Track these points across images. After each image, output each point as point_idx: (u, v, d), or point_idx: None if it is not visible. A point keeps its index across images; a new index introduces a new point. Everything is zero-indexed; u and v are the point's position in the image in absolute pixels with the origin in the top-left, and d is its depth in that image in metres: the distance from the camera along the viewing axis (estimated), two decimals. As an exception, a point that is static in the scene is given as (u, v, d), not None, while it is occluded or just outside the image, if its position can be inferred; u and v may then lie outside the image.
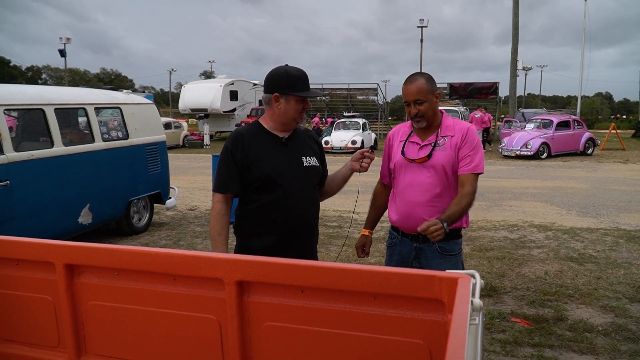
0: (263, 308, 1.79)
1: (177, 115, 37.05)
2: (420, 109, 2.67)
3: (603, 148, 22.30)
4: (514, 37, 27.77)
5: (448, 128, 2.75)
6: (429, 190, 2.71)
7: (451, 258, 2.77)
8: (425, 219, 2.65)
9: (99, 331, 2.05)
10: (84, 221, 6.29)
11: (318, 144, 2.78)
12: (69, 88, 7.63)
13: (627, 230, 7.56)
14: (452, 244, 2.78)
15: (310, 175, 2.62)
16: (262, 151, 2.50)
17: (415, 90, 2.66)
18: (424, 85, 2.66)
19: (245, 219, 2.58)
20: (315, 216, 2.68)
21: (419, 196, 2.73)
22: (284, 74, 2.50)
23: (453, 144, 2.70)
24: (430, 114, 2.71)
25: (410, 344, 1.60)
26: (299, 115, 2.54)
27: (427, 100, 2.67)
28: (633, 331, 4.05)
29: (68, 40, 46.72)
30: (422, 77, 2.70)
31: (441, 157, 2.69)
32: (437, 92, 2.73)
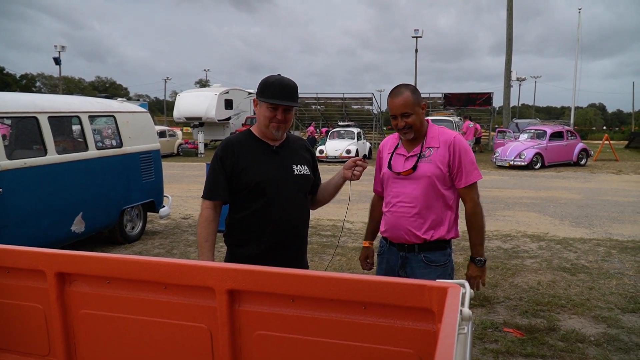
0: (254, 317, 1.79)
1: (172, 124, 37.06)
2: (408, 121, 2.68)
3: (596, 159, 22.43)
4: (508, 47, 27.99)
5: (433, 139, 2.75)
6: (414, 201, 2.72)
7: (436, 269, 2.76)
8: (411, 231, 2.74)
9: (89, 340, 2.05)
10: (76, 229, 6.27)
11: (310, 153, 2.78)
12: (63, 96, 7.62)
13: (619, 240, 7.59)
14: (437, 254, 2.77)
15: (301, 183, 2.61)
16: (252, 159, 2.51)
17: (402, 104, 2.67)
18: (410, 98, 2.67)
19: (235, 226, 2.58)
20: (304, 224, 2.68)
21: (406, 208, 2.75)
22: (263, 80, 2.52)
23: (439, 155, 2.70)
24: (418, 126, 2.71)
25: (401, 353, 1.61)
26: (271, 124, 2.49)
27: (414, 112, 2.68)
28: (625, 342, 4.06)
29: (63, 48, 46.77)
30: (407, 90, 2.71)
31: (426, 168, 2.70)
32: (422, 103, 2.74)
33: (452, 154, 2.69)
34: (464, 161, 2.70)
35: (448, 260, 2.82)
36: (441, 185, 2.70)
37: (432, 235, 2.73)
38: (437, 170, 2.68)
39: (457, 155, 2.69)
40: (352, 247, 7.16)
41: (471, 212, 2.75)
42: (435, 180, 2.69)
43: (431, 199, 2.71)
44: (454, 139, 2.72)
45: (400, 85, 2.76)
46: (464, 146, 2.74)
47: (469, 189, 2.73)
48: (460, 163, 2.69)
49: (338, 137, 23.40)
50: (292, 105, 2.51)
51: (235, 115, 29.50)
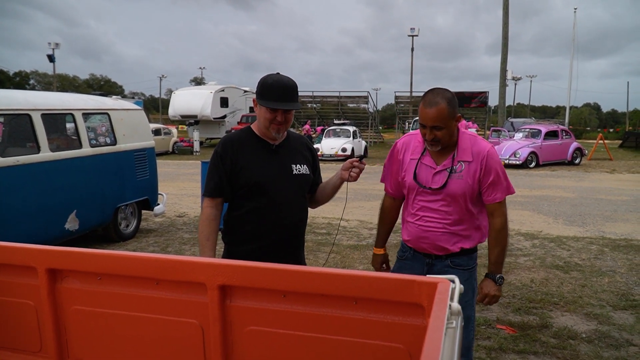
0: (245, 312, 1.79)
1: (167, 122, 36.96)
2: (438, 134, 2.45)
3: (590, 158, 22.52)
4: (504, 47, 28.06)
5: (465, 151, 2.54)
6: (444, 218, 2.59)
7: (463, 272, 2.62)
8: (439, 245, 2.63)
9: (81, 336, 2.04)
10: (70, 227, 6.25)
11: (311, 152, 2.77)
12: (57, 93, 7.60)
13: (612, 239, 7.63)
14: (464, 258, 2.66)
15: (299, 183, 2.61)
16: (250, 158, 2.50)
17: (435, 116, 2.41)
18: (445, 111, 2.41)
19: (233, 225, 2.59)
20: (302, 224, 2.68)
21: (434, 224, 2.62)
22: (262, 82, 2.49)
23: (471, 171, 2.52)
24: (447, 140, 2.51)
25: (391, 348, 1.61)
26: (271, 126, 2.47)
27: (446, 126, 2.44)
28: (616, 338, 4.09)
29: (57, 46, 46.59)
30: (444, 101, 2.42)
31: (457, 186, 2.53)
32: (458, 115, 2.50)
33: (483, 168, 2.52)
34: (497, 176, 2.54)
35: (475, 264, 2.73)
36: (470, 201, 2.58)
37: (460, 248, 2.64)
38: (469, 188, 2.53)
39: (490, 170, 2.53)
40: (346, 244, 7.17)
41: (499, 228, 2.60)
42: (467, 197, 2.56)
43: (461, 215, 2.60)
44: (487, 153, 2.53)
45: (437, 91, 2.48)
46: (497, 160, 2.57)
47: (500, 204, 2.58)
48: (493, 179, 2.53)
49: (334, 135, 23.43)
50: (292, 108, 2.47)
51: (230, 114, 29.48)
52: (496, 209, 2.59)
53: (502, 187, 2.57)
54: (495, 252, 2.65)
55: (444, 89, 2.51)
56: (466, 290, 2.66)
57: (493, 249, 2.65)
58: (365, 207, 10.03)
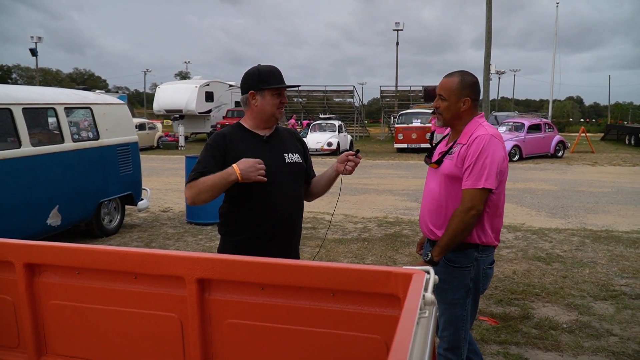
0: (224, 305, 1.79)
1: (152, 116, 36.69)
2: (440, 105, 2.60)
3: (573, 151, 22.77)
4: (487, 41, 28.18)
5: (465, 135, 2.57)
6: (434, 197, 2.65)
7: (455, 270, 2.62)
8: (429, 226, 2.69)
9: (59, 331, 2.04)
10: (52, 223, 6.19)
11: (301, 142, 2.81)
12: (38, 87, 7.50)
13: (593, 230, 7.74)
14: (459, 256, 2.60)
15: (294, 171, 2.63)
16: (243, 148, 2.52)
17: (442, 85, 2.60)
18: (453, 84, 2.57)
19: (228, 215, 2.59)
20: (298, 212, 2.68)
21: (428, 202, 2.71)
22: (255, 72, 2.55)
23: (462, 154, 2.53)
24: (448, 116, 2.60)
25: (368, 338, 1.63)
26: (277, 110, 2.56)
27: (449, 100, 2.57)
28: (596, 328, 4.15)
29: (40, 39, 45.96)
30: (458, 77, 2.59)
31: (446, 165, 2.59)
32: (465, 98, 2.57)
33: (467, 150, 2.51)
34: (475, 162, 2.47)
35: (472, 265, 2.62)
36: (460, 185, 2.53)
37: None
38: (455, 168, 2.54)
39: (468, 155, 2.49)
40: (331, 238, 7.20)
41: (454, 214, 2.51)
42: (453, 179, 2.55)
43: (449, 198, 2.58)
44: (475, 138, 2.51)
45: (461, 70, 2.64)
46: (482, 146, 2.48)
47: (466, 191, 2.49)
48: (470, 163, 2.48)
49: (319, 129, 23.44)
50: (296, 86, 2.94)
51: (216, 108, 29.33)
52: (463, 195, 2.50)
53: (474, 174, 2.46)
54: (442, 236, 2.55)
55: (470, 74, 2.64)
56: (456, 288, 2.63)
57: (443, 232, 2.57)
58: (351, 201, 10.06)
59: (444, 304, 2.69)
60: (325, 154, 21.06)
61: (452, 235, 2.51)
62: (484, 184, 2.45)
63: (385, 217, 8.76)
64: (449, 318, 2.70)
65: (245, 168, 2.33)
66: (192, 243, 7.07)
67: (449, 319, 2.70)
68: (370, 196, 10.86)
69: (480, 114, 2.67)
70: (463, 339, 2.72)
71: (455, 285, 2.64)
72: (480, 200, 2.47)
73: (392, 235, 7.46)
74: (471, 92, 2.60)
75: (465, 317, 2.70)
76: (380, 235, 7.45)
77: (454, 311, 2.68)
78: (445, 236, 2.53)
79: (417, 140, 22.71)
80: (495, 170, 2.48)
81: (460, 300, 2.65)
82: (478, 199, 2.47)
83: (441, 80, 2.62)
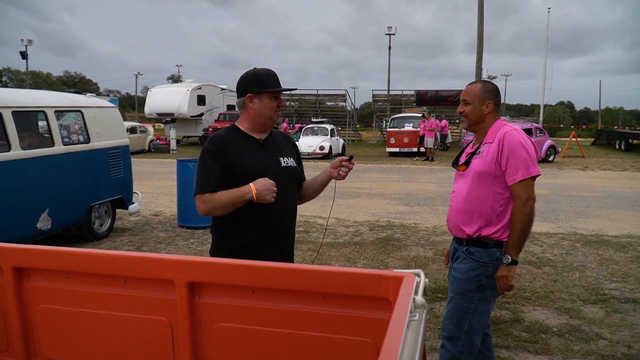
0: (214, 309, 1.79)
1: (143, 120, 36.57)
2: (465, 109, 2.78)
3: (564, 155, 22.93)
4: (479, 45, 28.35)
5: (491, 135, 2.73)
6: (463, 196, 2.75)
7: (473, 262, 2.71)
8: (457, 225, 2.78)
9: (49, 335, 2.02)
10: (43, 226, 6.15)
11: (294, 147, 2.82)
12: (28, 90, 7.47)
13: (583, 234, 7.79)
14: (481, 251, 2.71)
15: (289, 175, 2.64)
16: (240, 152, 2.52)
17: (466, 91, 2.79)
18: (476, 90, 2.77)
19: (223, 218, 2.57)
20: (293, 216, 2.70)
21: (456, 202, 2.80)
22: (253, 75, 2.57)
23: (491, 151, 2.66)
24: (473, 119, 2.78)
25: (359, 342, 1.63)
26: (275, 113, 2.58)
27: (473, 103, 2.75)
28: (586, 332, 4.18)
29: (30, 42, 45.60)
30: (481, 83, 2.81)
31: (476, 164, 2.71)
32: (488, 101, 2.76)
33: (501, 149, 2.63)
34: (514, 157, 2.61)
35: (491, 263, 2.70)
36: (491, 182, 2.66)
37: (476, 232, 2.70)
38: (485, 166, 2.66)
39: (506, 150, 2.62)
40: (323, 242, 7.19)
41: (514, 211, 2.63)
42: (483, 176, 2.67)
43: (479, 195, 2.69)
44: (505, 134, 2.66)
45: (482, 79, 2.91)
46: (516, 140, 2.64)
47: (517, 185, 2.61)
48: (509, 159, 2.61)
49: (312, 133, 23.45)
50: (293, 89, 2.89)
51: (208, 112, 29.24)
52: (515, 190, 2.62)
53: (520, 167, 2.60)
54: (510, 234, 2.65)
55: (492, 82, 2.89)
56: (469, 280, 2.71)
57: (509, 232, 2.66)
58: (343, 205, 10.07)
59: (454, 291, 2.80)
60: (317, 157, 21.07)
61: (521, 230, 2.62)
62: (532, 172, 2.61)
63: (377, 221, 8.76)
64: (454, 307, 2.78)
65: (261, 189, 2.36)
66: (184, 247, 7.04)
67: (454, 307, 2.78)
68: (362, 200, 10.87)
69: (503, 118, 2.83)
70: (465, 331, 2.75)
71: (469, 277, 2.72)
72: (532, 188, 2.64)
73: (384, 239, 7.47)
74: (494, 97, 2.79)
75: (470, 310, 2.74)
76: (372, 239, 7.45)
77: (460, 301, 2.75)
78: (514, 234, 2.63)
79: (409, 145, 22.78)
80: (534, 157, 2.66)
81: (469, 292, 2.73)
82: (530, 188, 2.63)
83: (465, 88, 2.83)
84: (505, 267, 2.65)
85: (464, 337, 2.75)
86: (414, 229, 8.11)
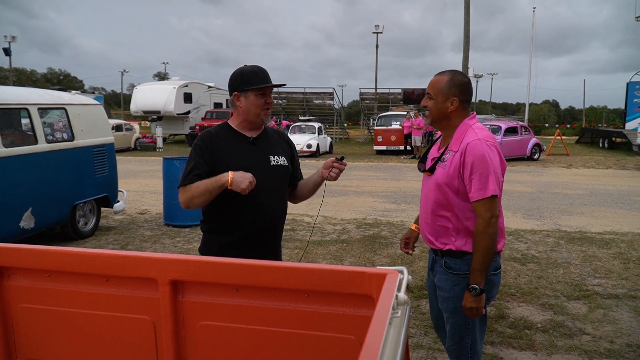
0: (198, 307, 1.78)
1: (129, 118, 36.26)
2: (428, 103, 2.55)
3: (549, 153, 23.14)
4: (465, 45, 28.48)
5: (456, 142, 2.50)
6: (431, 206, 2.58)
7: (455, 277, 2.54)
8: (426, 236, 2.64)
9: (29, 334, 1.99)
10: (25, 225, 6.07)
11: (290, 145, 2.82)
12: (11, 87, 7.36)
13: (567, 231, 7.87)
14: (458, 262, 2.53)
15: (278, 173, 2.63)
16: (229, 149, 2.52)
17: (432, 84, 2.54)
18: (442, 82, 2.51)
19: (211, 214, 2.58)
20: (281, 214, 2.69)
21: (423, 211, 2.65)
22: (238, 73, 2.56)
23: (454, 161, 2.46)
24: (435, 115, 2.55)
25: (343, 339, 1.63)
26: (262, 112, 2.55)
27: (436, 99, 2.51)
28: (569, 327, 4.22)
29: (13, 39, 45.07)
30: (449, 75, 2.53)
31: (440, 174, 2.52)
32: (453, 97, 2.50)
33: (463, 163, 2.42)
34: (474, 173, 2.39)
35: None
36: (454, 195, 2.48)
37: (447, 246, 2.55)
38: (448, 178, 2.47)
39: (468, 165, 2.40)
40: (310, 240, 7.19)
41: (476, 232, 2.41)
42: (446, 188, 2.49)
43: (443, 207, 2.52)
44: (467, 145, 2.42)
45: (453, 70, 2.60)
46: (479, 155, 2.40)
47: (478, 204, 2.40)
48: (471, 174, 2.40)
49: (299, 131, 23.43)
50: (281, 85, 2.83)
51: (194, 109, 29.09)
52: (477, 208, 2.41)
53: (482, 183, 2.38)
54: (474, 257, 2.42)
55: (463, 74, 2.59)
56: (458, 296, 2.53)
57: (473, 255, 2.44)
58: (330, 203, 10.07)
59: (447, 312, 2.64)
60: (304, 155, 21.05)
61: (486, 252, 2.40)
62: (492, 192, 2.38)
63: (364, 219, 8.78)
64: (452, 327, 2.64)
65: (238, 176, 2.35)
66: (170, 245, 7.00)
67: (452, 327, 2.64)
68: (350, 198, 10.89)
69: (471, 115, 2.58)
70: (469, 348, 2.64)
71: (456, 293, 2.55)
72: (495, 205, 2.40)
73: (371, 236, 7.48)
74: (460, 93, 2.52)
75: (469, 325, 2.61)
76: (359, 237, 7.47)
77: (456, 320, 2.60)
78: (479, 257, 2.40)
79: (396, 143, 22.87)
80: (496, 174, 2.42)
81: (459, 308, 2.55)
82: (494, 205, 2.40)
83: (432, 79, 2.57)
84: (473, 297, 2.42)
85: (470, 353, 2.65)
86: (401, 227, 8.13)
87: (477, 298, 2.42)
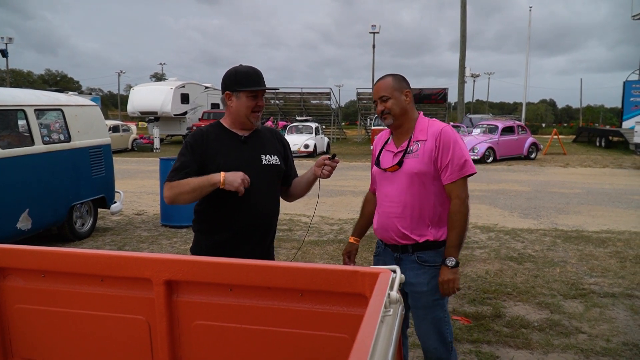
0: (192, 307, 1.78)
1: (126, 118, 36.23)
2: (386, 105, 2.59)
3: (545, 153, 23.19)
4: (462, 44, 28.55)
5: (422, 132, 2.60)
6: (402, 200, 2.58)
7: (430, 269, 2.58)
8: (400, 231, 2.60)
9: (25, 335, 2.00)
10: (22, 227, 6.07)
11: (283, 144, 2.80)
12: (7, 89, 7.36)
13: (564, 230, 7.89)
14: (431, 254, 2.59)
15: (269, 173, 2.62)
16: (219, 148, 2.52)
17: (381, 87, 2.62)
18: (390, 82, 2.61)
19: (203, 214, 2.59)
20: (273, 214, 2.68)
21: (394, 207, 2.62)
22: (233, 72, 2.55)
23: (427, 149, 2.54)
24: (397, 112, 2.60)
25: (336, 338, 1.64)
26: (252, 114, 2.54)
27: (392, 96, 2.59)
28: (566, 326, 4.23)
29: (10, 40, 44.97)
30: (390, 76, 2.66)
31: (412, 164, 2.55)
32: (406, 90, 2.63)
33: (438, 147, 2.53)
34: (452, 155, 2.52)
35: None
36: (431, 182, 2.56)
37: (422, 236, 2.58)
38: (424, 166, 2.54)
39: (444, 148, 2.52)
40: (307, 240, 7.20)
41: (454, 211, 2.54)
42: (423, 177, 2.54)
43: (420, 197, 2.57)
44: (441, 130, 2.55)
45: (386, 74, 2.72)
46: (453, 138, 2.55)
47: (454, 185, 2.53)
48: (447, 157, 2.52)
49: (296, 131, 23.44)
50: (273, 88, 2.87)
51: (191, 110, 29.08)
52: (452, 190, 2.55)
53: (456, 166, 2.52)
54: (450, 235, 2.54)
55: (394, 73, 2.72)
56: (434, 289, 2.57)
57: (449, 233, 2.56)
58: (327, 202, 10.08)
59: (423, 308, 2.63)
60: (302, 155, 21.06)
61: (462, 230, 2.54)
62: (470, 170, 2.55)
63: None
64: (430, 323, 2.63)
65: (230, 176, 2.35)
66: (167, 246, 7.00)
67: (430, 323, 2.63)
68: (347, 198, 10.90)
69: (420, 113, 2.72)
70: (449, 343, 2.65)
71: (433, 287, 2.58)
72: (466, 186, 2.58)
73: (368, 236, 7.44)
74: (408, 85, 2.68)
75: (447, 319, 2.65)
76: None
77: (434, 315, 2.62)
78: (455, 235, 2.53)
79: (393, 143, 22.84)
80: (468, 156, 2.59)
81: (439, 300, 2.60)
82: (466, 186, 2.57)
83: (375, 86, 2.69)
84: (450, 269, 2.51)
85: (450, 348, 2.66)
86: (398, 227, 8.13)
87: (453, 270, 2.52)
